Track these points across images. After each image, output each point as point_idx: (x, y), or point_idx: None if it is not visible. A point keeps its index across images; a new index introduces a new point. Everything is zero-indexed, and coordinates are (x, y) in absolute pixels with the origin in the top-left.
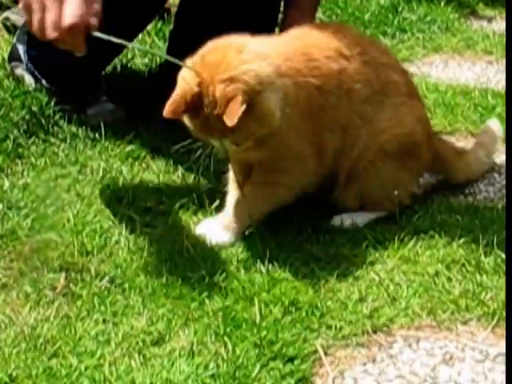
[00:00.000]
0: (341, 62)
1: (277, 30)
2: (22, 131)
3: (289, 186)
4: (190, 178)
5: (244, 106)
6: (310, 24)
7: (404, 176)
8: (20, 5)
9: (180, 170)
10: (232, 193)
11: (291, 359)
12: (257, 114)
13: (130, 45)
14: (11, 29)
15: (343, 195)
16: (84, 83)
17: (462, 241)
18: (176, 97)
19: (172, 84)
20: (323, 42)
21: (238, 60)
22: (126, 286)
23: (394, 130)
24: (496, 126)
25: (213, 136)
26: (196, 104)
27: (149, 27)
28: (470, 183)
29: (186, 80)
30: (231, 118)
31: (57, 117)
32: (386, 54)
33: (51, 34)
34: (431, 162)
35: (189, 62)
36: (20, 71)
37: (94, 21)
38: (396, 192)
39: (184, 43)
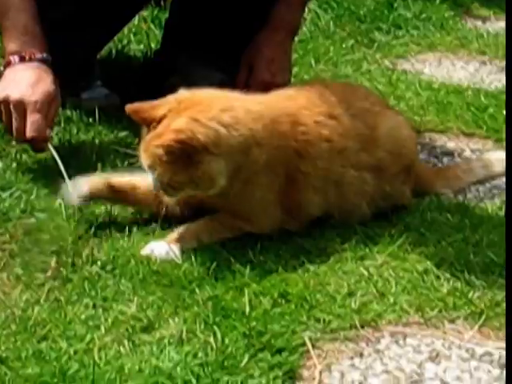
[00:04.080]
0: (330, 125)
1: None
2: None
3: (252, 231)
4: None
5: (177, 146)
6: (298, 86)
7: (405, 189)
8: None
9: None
10: None
11: (279, 351)
12: (193, 170)
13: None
14: None
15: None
16: (78, 67)
17: (451, 239)
18: (149, 104)
19: (167, 71)
20: (313, 105)
21: (214, 114)
22: (117, 271)
23: (395, 151)
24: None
25: (146, 161)
26: (154, 121)
27: (145, 13)
28: None
29: (167, 100)
30: (158, 143)
31: None
32: (368, 97)
33: (18, 140)
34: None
35: (181, 90)
36: None
37: (48, 132)
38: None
39: (179, 31)
